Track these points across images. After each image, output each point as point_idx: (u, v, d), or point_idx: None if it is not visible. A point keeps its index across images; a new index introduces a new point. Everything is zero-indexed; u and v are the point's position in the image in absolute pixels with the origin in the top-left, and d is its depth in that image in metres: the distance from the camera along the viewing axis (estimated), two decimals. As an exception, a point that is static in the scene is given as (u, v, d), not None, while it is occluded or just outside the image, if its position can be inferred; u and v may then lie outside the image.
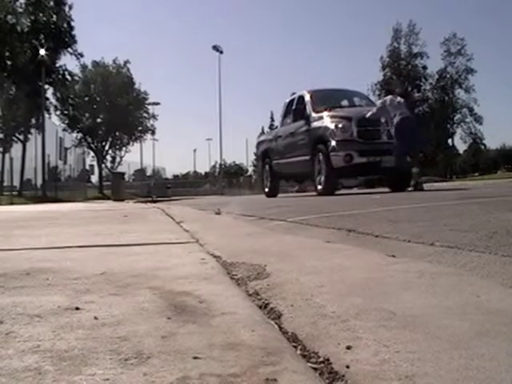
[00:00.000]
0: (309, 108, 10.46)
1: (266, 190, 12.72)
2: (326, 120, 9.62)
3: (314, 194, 10.62)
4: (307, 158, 10.09)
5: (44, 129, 27.33)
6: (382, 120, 9.27)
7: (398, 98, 9.43)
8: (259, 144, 13.65)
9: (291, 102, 11.85)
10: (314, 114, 10.17)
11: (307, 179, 11.79)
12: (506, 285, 1.44)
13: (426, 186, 10.59)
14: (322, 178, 9.56)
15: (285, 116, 12.17)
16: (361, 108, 10.32)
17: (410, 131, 8.89)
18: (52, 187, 27.68)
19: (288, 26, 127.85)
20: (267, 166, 12.55)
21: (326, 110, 9.95)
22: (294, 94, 12.06)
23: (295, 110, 11.14)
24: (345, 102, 11.24)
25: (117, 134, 45.30)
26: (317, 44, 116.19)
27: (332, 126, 9.29)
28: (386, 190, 10.68)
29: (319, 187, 9.71)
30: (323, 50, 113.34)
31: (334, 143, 9.14)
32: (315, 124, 9.95)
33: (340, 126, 9.18)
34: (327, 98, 10.89)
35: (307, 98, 10.78)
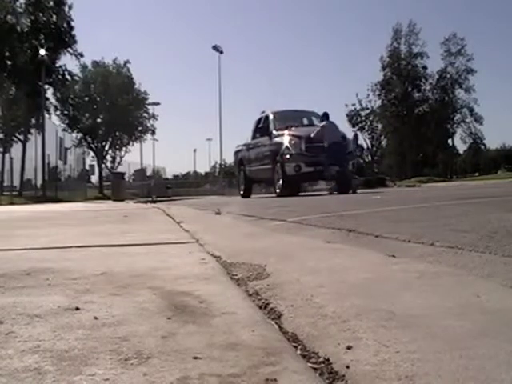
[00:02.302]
0: (271, 126, 13.29)
1: (241, 192, 15.05)
2: (283, 137, 12.29)
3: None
4: (270, 166, 12.79)
5: (44, 129, 27.35)
6: (323, 139, 11.91)
7: (334, 124, 12.48)
8: (236, 153, 16.05)
9: (260, 119, 14.46)
10: (275, 132, 12.94)
11: (271, 183, 13.92)
12: (506, 285, 1.44)
13: (426, 186, 10.86)
14: (280, 183, 12.23)
15: (255, 131, 14.61)
16: (310, 128, 12.78)
17: (336, 152, 11.69)
18: (52, 187, 27.67)
19: (288, 26, 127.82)
20: (242, 172, 15.02)
21: (284, 128, 12.62)
22: (263, 112, 14.60)
23: (261, 127, 13.92)
24: (303, 121, 13.95)
25: (117, 134, 45.29)
26: (317, 44, 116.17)
27: (287, 143, 12.03)
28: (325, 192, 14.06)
29: (277, 190, 12.38)
30: (323, 49, 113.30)
31: (287, 156, 11.93)
32: (276, 140, 12.63)
33: (292, 142, 11.96)
34: (287, 118, 13.52)
35: (271, 117, 13.64)
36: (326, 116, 12.52)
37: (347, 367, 0.95)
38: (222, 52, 42.39)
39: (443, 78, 56.89)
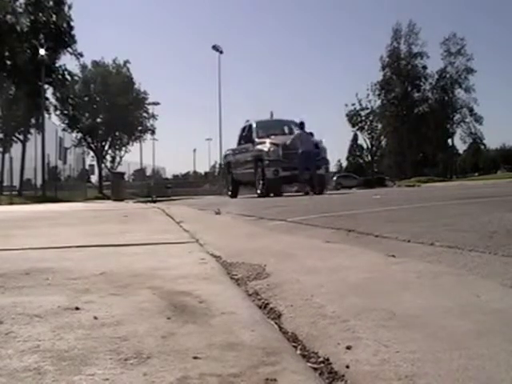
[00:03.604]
0: (254, 134, 14.79)
1: (229, 192, 16.76)
2: (264, 145, 13.84)
3: (301, 194, 14.15)
4: (252, 170, 14.36)
5: (44, 129, 27.33)
6: (297, 146, 13.31)
7: (307, 134, 13.73)
8: (225, 157, 18.18)
9: (245, 127, 15.98)
10: (257, 139, 14.44)
11: (253, 185, 15.26)
12: (506, 285, 1.44)
13: (425, 185, 10.89)
14: (261, 185, 13.82)
15: (241, 137, 16.13)
16: (287, 136, 14.39)
17: (307, 159, 13.08)
18: (52, 187, 27.66)
19: (288, 26, 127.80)
20: (230, 175, 16.70)
21: (265, 136, 14.19)
22: (247, 121, 16.04)
23: (245, 135, 15.51)
24: (283, 129, 15.42)
25: (117, 133, 45.31)
26: (317, 44, 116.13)
27: (266, 150, 13.61)
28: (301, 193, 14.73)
29: (258, 191, 14.02)
30: (323, 49, 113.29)
31: (267, 162, 13.55)
32: (258, 147, 14.11)
33: (272, 149, 13.53)
34: (268, 127, 15.17)
35: (254, 126, 15.14)
36: (302, 125, 13.84)
37: (347, 367, 0.95)
38: (222, 52, 42.45)
39: (443, 78, 56.92)
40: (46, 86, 31.09)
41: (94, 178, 44.29)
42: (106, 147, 45.32)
